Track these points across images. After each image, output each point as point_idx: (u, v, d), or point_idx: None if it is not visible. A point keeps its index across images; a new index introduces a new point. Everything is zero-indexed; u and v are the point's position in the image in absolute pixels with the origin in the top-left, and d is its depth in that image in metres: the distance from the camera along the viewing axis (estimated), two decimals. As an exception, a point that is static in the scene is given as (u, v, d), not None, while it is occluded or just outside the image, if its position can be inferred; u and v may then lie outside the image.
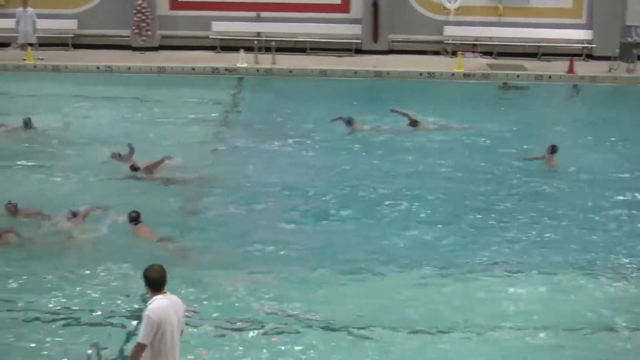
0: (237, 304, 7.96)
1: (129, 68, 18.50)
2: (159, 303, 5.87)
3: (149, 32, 19.74)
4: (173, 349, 5.94)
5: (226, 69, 18.27)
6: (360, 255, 8.98)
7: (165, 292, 5.94)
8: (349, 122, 13.55)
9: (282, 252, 9.09)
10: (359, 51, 19.57)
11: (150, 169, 11.41)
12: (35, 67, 18.49)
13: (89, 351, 6.03)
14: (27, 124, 13.41)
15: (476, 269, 8.70)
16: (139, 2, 19.54)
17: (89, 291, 8.24)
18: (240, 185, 11.14)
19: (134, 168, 11.37)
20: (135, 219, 9.55)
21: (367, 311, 7.75)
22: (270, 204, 10.41)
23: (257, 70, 18.25)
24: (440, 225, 9.83)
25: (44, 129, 13.55)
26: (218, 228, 9.74)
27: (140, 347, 5.84)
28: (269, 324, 7.56)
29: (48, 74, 18.08)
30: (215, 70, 18.26)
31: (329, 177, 11.55)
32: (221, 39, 19.61)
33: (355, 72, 18.08)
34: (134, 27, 19.73)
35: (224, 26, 19.77)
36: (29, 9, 19.02)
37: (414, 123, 13.45)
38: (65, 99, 16.22)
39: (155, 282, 5.89)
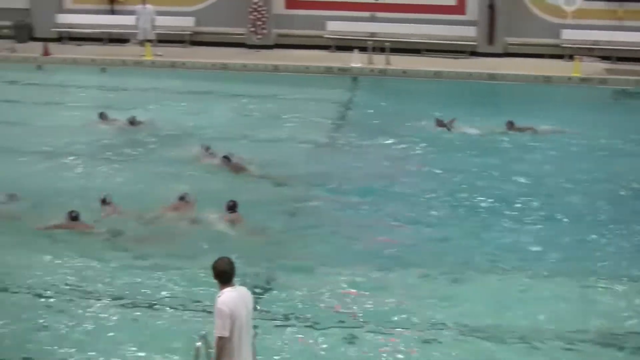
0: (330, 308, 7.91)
1: (244, 65, 19.25)
2: (229, 295, 5.98)
3: (265, 31, 20.50)
4: (244, 341, 5.99)
5: (340, 69, 18.73)
6: (474, 257, 9.02)
7: (234, 285, 6.05)
8: (444, 124, 13.79)
9: (392, 253, 9.12)
10: (474, 53, 19.76)
11: (236, 167, 11.62)
12: (153, 63, 19.60)
13: (198, 344, 6.05)
14: (133, 122, 14.15)
15: (597, 273, 8.62)
16: (256, 0, 20.32)
17: (191, 281, 8.33)
18: (349, 184, 11.31)
19: (226, 158, 11.67)
20: (232, 207, 9.77)
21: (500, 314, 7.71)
22: (379, 205, 10.52)
23: (371, 71, 18.61)
24: (551, 232, 9.70)
25: (153, 124, 14.17)
26: (321, 224, 9.96)
27: (221, 340, 5.91)
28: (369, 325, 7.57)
29: (165, 70, 19.08)
30: (328, 70, 18.76)
31: (440, 179, 11.65)
32: (335, 39, 20.15)
33: (470, 74, 18.23)
34: (249, 25, 20.55)
35: (338, 26, 20.28)
36: (148, 6, 20.19)
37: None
38: (180, 95, 17.05)
39: (224, 274, 6.01)
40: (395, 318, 7.68)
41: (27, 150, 12.75)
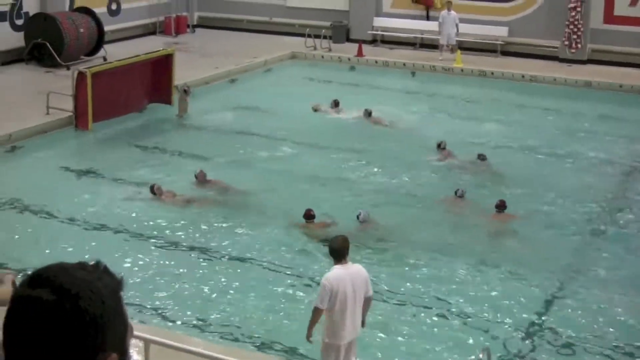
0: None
1: (554, 79, 20.57)
2: (335, 272, 6.77)
3: (579, 45, 21.61)
4: (347, 316, 6.74)
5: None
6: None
7: (347, 262, 6.84)
8: None
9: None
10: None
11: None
12: (462, 70, 21.80)
13: (480, 355, 6.62)
14: (370, 114, 16.79)
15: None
16: (573, 14, 21.59)
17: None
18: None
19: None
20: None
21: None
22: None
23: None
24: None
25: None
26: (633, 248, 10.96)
27: (316, 310, 6.85)
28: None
29: (474, 79, 21.06)
30: (645, 89, 19.35)
31: None
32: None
33: None
34: (564, 39, 21.78)
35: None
36: (452, 12, 22.43)
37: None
38: (491, 102, 18.95)
39: (335, 252, 6.83)
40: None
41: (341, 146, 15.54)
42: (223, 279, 9.83)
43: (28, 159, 14.66)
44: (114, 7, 25.10)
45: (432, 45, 23.86)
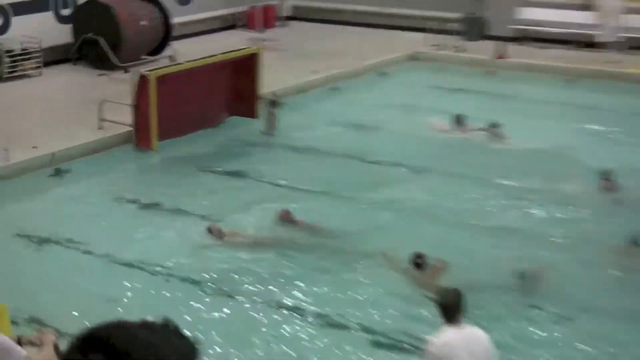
0: None
1: None
2: (445, 336, 6.65)
3: None
4: None
5: None
6: None
7: (460, 324, 6.69)
8: None
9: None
10: None
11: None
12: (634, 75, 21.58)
13: None
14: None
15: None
16: None
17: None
18: None
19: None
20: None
21: None
22: None
23: None
24: None
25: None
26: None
27: None
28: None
29: None
30: None
31: None
32: None
33: None
34: None
35: None
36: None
37: None
38: None
39: (445, 309, 6.71)
40: None
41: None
42: (306, 344, 9.85)
43: (75, 185, 14.98)
44: (184, -7, 25.53)
45: (594, 44, 23.71)
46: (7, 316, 8.02)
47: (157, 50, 22.47)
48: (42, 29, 21.27)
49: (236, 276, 11.59)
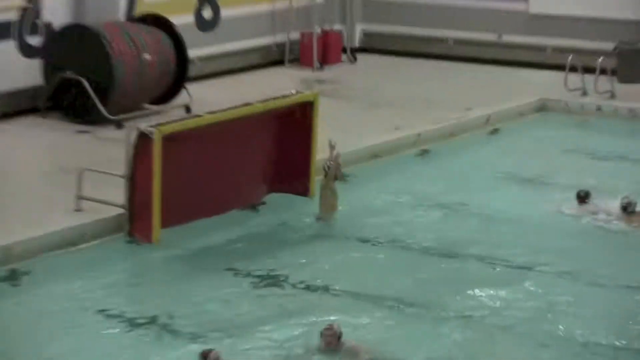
0: None
1: None
2: None
3: None
4: None
5: None
6: None
7: None
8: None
9: None
10: None
11: None
12: None
13: None
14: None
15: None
16: None
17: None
18: None
19: None
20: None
21: None
22: None
23: None
24: None
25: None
26: None
27: None
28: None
29: None
30: None
31: None
32: None
33: None
34: None
35: None
36: None
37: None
38: None
39: None
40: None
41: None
42: None
43: (38, 293, 14.87)
44: (207, 14, 25.83)
45: None
46: None
47: (166, 96, 22.63)
48: (-1, 65, 21.35)
49: None
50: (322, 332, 13.05)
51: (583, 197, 18.10)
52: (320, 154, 18.58)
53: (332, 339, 12.97)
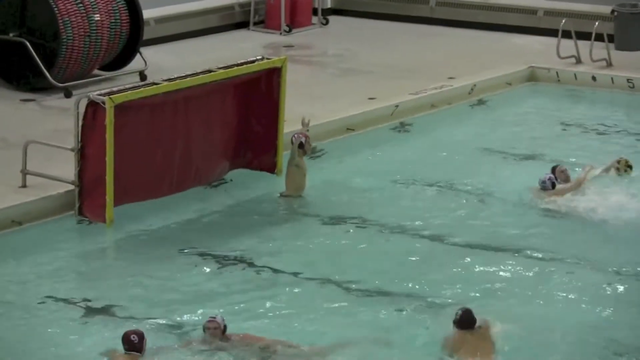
0: None
1: None
2: None
3: None
4: None
5: None
6: None
7: None
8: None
9: None
10: None
11: None
12: None
13: None
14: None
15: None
16: None
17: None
18: None
19: None
20: None
21: None
22: None
23: None
24: None
25: None
26: None
27: None
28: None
29: None
30: None
31: None
32: None
33: None
34: None
35: None
36: None
37: None
38: None
39: None
40: None
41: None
42: None
43: None
44: (164, -29, 25.75)
45: None
46: None
47: (118, 62, 22.63)
48: None
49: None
50: (204, 326, 13.12)
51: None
52: (289, 126, 18.72)
53: (215, 332, 13.06)
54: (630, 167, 18.11)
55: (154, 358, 12.78)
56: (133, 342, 12.58)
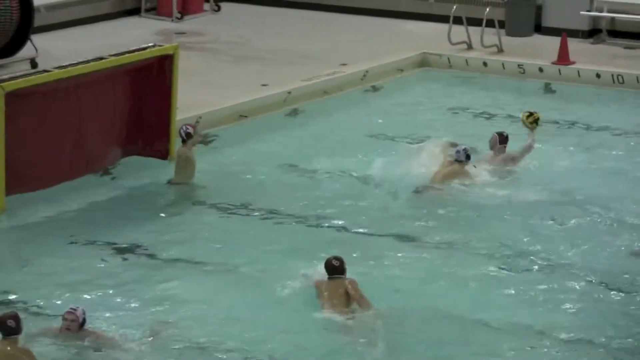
0: None
1: None
2: None
3: None
4: None
5: None
6: None
7: None
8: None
9: None
10: None
11: None
12: None
13: None
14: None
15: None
16: None
17: None
18: None
19: None
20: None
21: None
22: None
23: None
24: None
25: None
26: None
27: None
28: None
29: None
30: None
31: None
32: None
33: None
34: None
35: None
36: None
37: None
38: None
39: None
40: None
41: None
42: None
43: None
44: (54, -42, 25.52)
45: None
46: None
47: (8, 49, 22.48)
48: None
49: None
50: (63, 315, 13.01)
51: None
52: (181, 113, 18.83)
53: (71, 324, 12.97)
54: (536, 121, 18.40)
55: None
56: (11, 327, 12.37)
